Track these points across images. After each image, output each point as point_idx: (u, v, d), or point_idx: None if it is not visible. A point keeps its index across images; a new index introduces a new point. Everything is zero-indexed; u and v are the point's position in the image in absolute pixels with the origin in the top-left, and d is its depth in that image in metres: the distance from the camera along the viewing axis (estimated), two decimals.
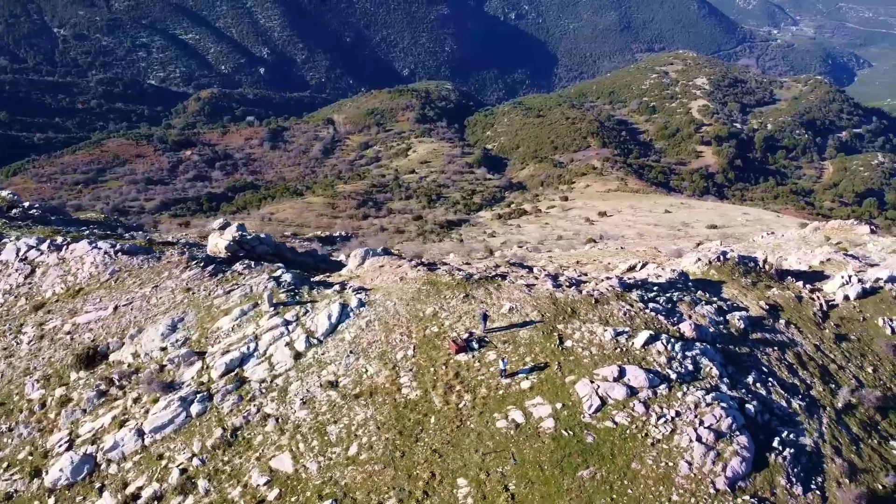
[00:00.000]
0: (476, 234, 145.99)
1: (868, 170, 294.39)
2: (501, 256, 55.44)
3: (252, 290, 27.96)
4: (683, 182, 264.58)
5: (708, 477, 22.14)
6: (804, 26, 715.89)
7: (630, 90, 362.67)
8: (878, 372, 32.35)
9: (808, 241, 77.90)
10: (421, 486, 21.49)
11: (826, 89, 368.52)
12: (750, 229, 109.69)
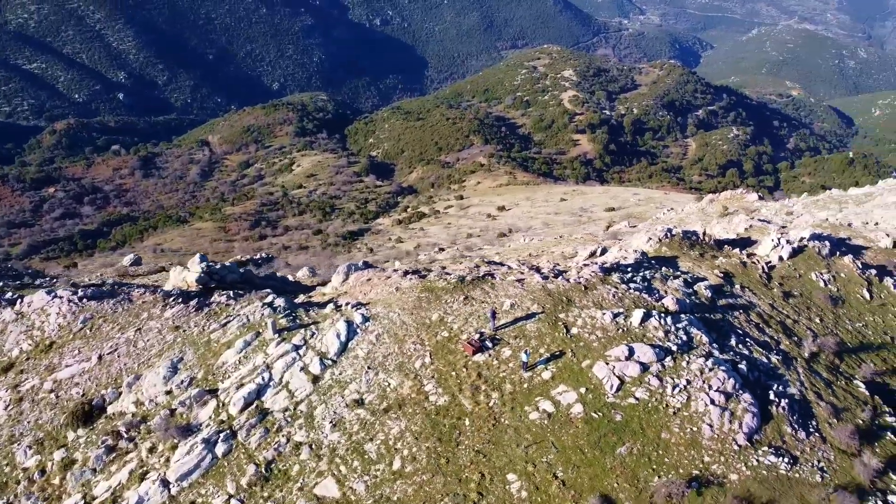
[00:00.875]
0: (382, 241, 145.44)
1: (726, 143, 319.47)
2: (458, 258, 55.93)
3: (249, 320, 26.86)
4: (566, 170, 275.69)
5: (729, 436, 23.73)
6: (650, 15, 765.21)
7: (503, 87, 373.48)
8: (824, 321, 35.67)
9: (706, 213, 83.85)
10: (473, 487, 21.67)
11: (680, 72, 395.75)
12: (645, 208, 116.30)
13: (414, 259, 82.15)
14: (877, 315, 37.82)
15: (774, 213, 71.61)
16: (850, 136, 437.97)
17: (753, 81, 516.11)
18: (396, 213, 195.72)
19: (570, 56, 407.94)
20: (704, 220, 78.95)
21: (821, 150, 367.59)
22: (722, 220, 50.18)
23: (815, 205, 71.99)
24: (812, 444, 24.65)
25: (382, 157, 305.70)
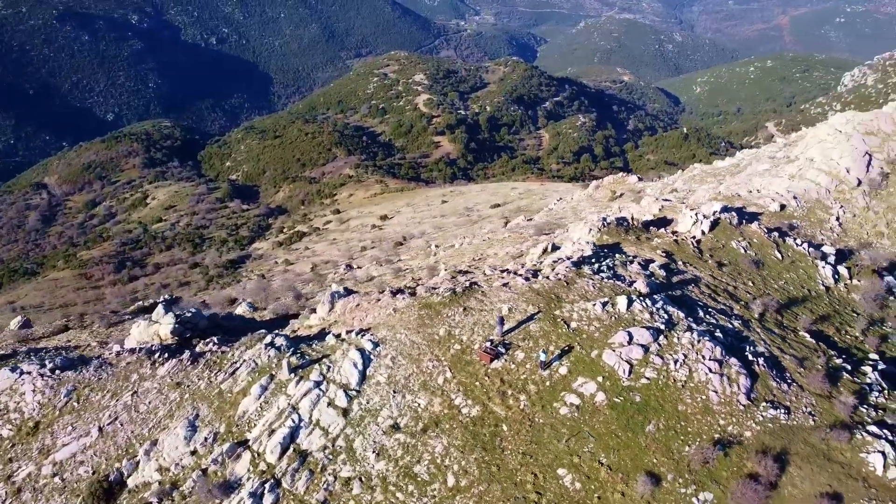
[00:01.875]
0: (270, 266, 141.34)
1: (575, 131, 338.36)
2: (423, 270, 55.81)
3: (258, 363, 25.81)
4: (433, 173, 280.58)
5: (732, 398, 26.15)
6: (485, 15, 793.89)
7: (357, 96, 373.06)
8: (755, 284, 39.66)
9: (595, 199, 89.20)
10: (530, 488, 22.48)
11: (524, 68, 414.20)
12: (529, 200, 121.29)
13: (324, 279, 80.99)
14: (791, 272, 42.50)
15: (660, 192, 77.56)
16: (679, 114, 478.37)
17: (588, 71, 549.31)
18: (272, 235, 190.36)
19: (418, 60, 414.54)
20: (595, 204, 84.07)
21: (656, 129, 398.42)
22: (631, 205, 53.88)
23: (693, 180, 78.65)
24: (795, 394, 27.66)
25: (244, 180, 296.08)
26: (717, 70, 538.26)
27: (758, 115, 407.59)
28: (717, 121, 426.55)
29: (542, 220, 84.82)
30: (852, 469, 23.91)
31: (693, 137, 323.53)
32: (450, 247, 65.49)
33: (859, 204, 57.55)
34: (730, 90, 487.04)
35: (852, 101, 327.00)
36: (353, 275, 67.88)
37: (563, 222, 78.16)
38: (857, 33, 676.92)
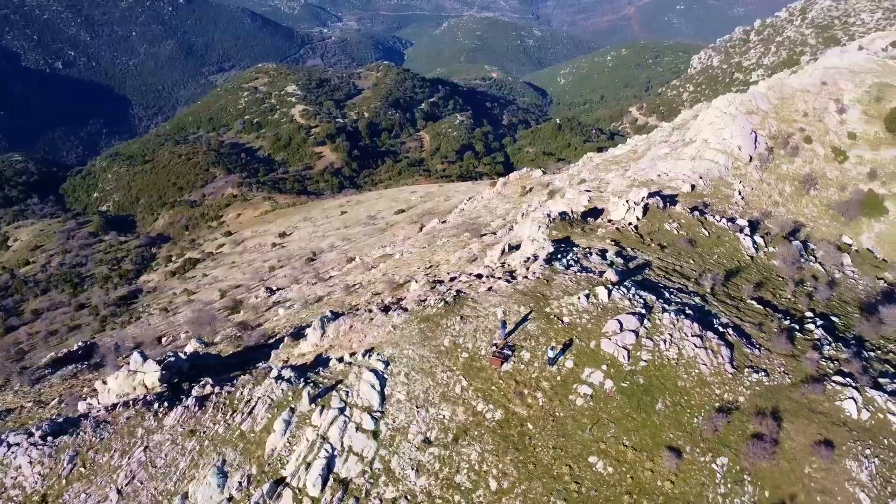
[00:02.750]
0: (167, 298, 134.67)
1: (454, 130, 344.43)
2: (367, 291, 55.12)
3: (273, 399, 25.09)
4: (319, 184, 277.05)
5: (720, 368, 28.49)
6: (348, 21, 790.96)
7: (228, 112, 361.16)
8: (695, 261, 42.86)
9: (505, 195, 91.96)
10: (568, 479, 23.58)
11: (396, 71, 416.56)
12: (434, 202, 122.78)
13: (246, 305, 78.39)
14: (719, 246, 46.21)
15: (568, 182, 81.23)
16: (547, 105, 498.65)
17: (457, 70, 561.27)
18: (161, 265, 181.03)
19: (288, 71, 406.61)
20: (508, 201, 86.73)
21: (529, 122, 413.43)
22: (560, 200, 56.31)
23: (597, 169, 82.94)
24: (767, 357, 30.46)
25: (117, 210, 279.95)
26: (578, 62, 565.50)
27: (620, 101, 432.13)
28: (583, 109, 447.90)
29: (457, 220, 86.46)
30: (833, 417, 26.76)
31: (566, 127, 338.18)
32: (383, 257, 65.52)
33: (754, 178, 63.13)
34: (591, 79, 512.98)
35: (703, 82, 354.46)
36: (284, 296, 66.37)
37: (480, 221, 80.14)
38: (696, 18, 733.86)
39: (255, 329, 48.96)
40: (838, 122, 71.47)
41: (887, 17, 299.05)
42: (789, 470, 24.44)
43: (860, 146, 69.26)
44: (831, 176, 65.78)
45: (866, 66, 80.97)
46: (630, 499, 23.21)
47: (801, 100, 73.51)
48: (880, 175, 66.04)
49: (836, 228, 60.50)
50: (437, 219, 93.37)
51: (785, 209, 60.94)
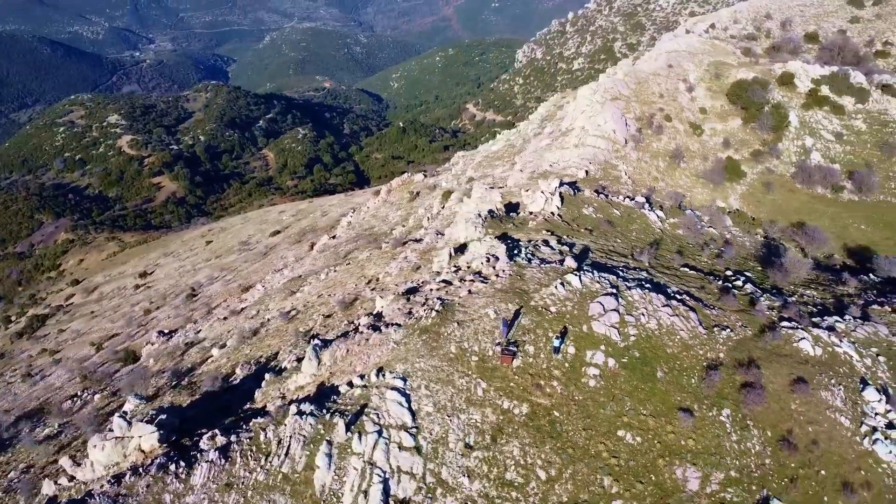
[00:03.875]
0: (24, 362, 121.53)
1: (298, 144, 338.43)
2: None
3: (306, 435, 24.12)
4: (165, 217, 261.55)
5: (695, 331, 31.45)
6: (161, 42, 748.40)
7: (45, 151, 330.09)
8: (621, 239, 46.17)
9: (391, 202, 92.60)
10: (606, 455, 25.15)
11: (227, 90, 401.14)
12: (310, 220, 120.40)
13: (140, 355, 73.16)
14: (633, 223, 50.08)
15: (457, 182, 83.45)
16: (385, 110, 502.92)
17: (288, 83, 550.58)
18: (8, 328, 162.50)
19: (106, 101, 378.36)
20: (399, 208, 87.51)
21: (371, 129, 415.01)
22: (472, 199, 57.95)
23: (480, 166, 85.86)
24: (724, 315, 33.86)
25: None
26: (407, 64, 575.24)
27: (455, 99, 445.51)
28: (421, 111, 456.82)
29: (349, 234, 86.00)
30: (796, 357, 30.43)
31: (410, 130, 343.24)
32: (294, 280, 63.89)
33: (633, 158, 68.58)
34: (423, 81, 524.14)
35: (530, 74, 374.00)
36: (193, 336, 62.70)
37: (377, 231, 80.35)
38: (511, 15, 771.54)
39: (190, 375, 46.24)
40: (689, 99, 79.31)
41: (681, 1, 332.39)
42: (779, 409, 27.58)
43: (711, 119, 77.35)
44: (693, 148, 72.88)
45: (700, 47, 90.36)
46: (664, 461, 25.17)
47: (654, 83, 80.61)
48: (732, 143, 74.20)
49: (709, 194, 67.28)
50: (324, 235, 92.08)
51: (664, 183, 66.80)
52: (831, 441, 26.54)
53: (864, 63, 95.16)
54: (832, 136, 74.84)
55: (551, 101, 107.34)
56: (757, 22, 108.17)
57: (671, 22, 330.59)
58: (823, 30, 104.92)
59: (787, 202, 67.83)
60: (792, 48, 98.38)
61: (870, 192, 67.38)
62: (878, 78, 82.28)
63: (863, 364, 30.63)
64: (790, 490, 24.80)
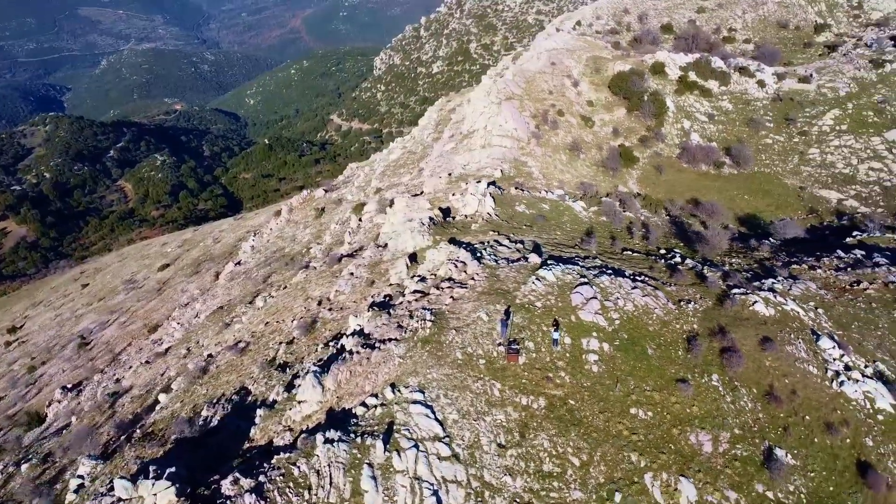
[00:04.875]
0: None
1: (158, 171, 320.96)
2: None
3: (345, 462, 23.50)
4: (18, 265, 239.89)
5: (667, 307, 33.84)
6: None
7: None
8: (560, 232, 48.33)
9: (297, 221, 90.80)
10: (627, 434, 26.74)
11: (69, 121, 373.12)
12: (201, 250, 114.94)
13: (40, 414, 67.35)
14: (563, 216, 52.56)
15: (364, 194, 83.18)
16: (245, 128, 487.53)
17: (135, 108, 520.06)
18: None
19: None
20: (307, 226, 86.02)
21: (233, 149, 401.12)
22: (397, 208, 58.27)
23: (385, 176, 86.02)
24: (683, 290, 36.61)
25: None
26: (262, 80, 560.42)
27: (317, 110, 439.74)
28: (283, 126, 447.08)
29: (258, 258, 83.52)
30: (755, 319, 33.57)
31: (277, 146, 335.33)
32: (218, 312, 61.25)
33: (538, 153, 71.64)
34: (281, 95, 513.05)
35: (391, 80, 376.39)
36: (112, 387, 58.52)
37: (291, 251, 78.65)
38: (360, 23, 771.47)
39: (140, 426, 43.44)
40: (576, 94, 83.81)
41: (527, 1, 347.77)
42: (757, 368, 30.41)
43: (599, 111, 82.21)
44: (588, 140, 77.16)
45: (575, 44, 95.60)
46: (677, 430, 27.10)
47: (542, 80, 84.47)
48: (621, 131, 79.30)
49: (610, 181, 71.54)
50: (229, 262, 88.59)
51: (570, 175, 70.32)
52: (806, 389, 29.63)
53: (716, 49, 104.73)
54: (705, 117, 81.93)
55: (438, 105, 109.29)
56: (617, 17, 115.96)
57: (520, 21, 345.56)
58: (676, 21, 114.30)
59: (678, 181, 73.47)
60: (651, 39, 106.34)
61: (746, 165, 74.42)
62: (734, 62, 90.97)
63: (808, 318, 34.31)
64: (786, 438, 27.50)
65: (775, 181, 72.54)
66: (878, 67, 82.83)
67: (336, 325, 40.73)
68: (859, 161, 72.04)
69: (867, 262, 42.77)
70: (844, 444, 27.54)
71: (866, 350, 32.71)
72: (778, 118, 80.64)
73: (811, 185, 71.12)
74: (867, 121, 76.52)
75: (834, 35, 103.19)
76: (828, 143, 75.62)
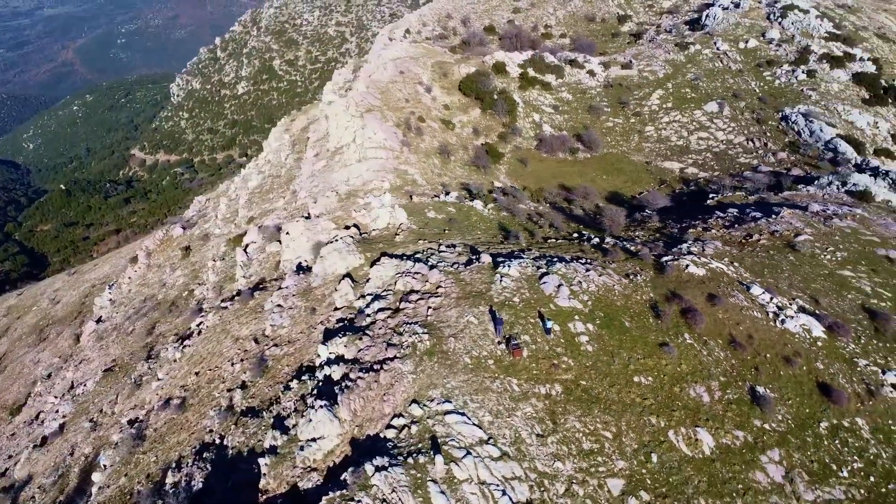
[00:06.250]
0: None
1: None
2: None
3: (409, 484, 22.87)
4: None
5: (622, 283, 36.75)
6: None
7: None
8: (477, 229, 50.00)
9: (157, 265, 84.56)
10: (639, 400, 29.19)
11: None
12: (36, 313, 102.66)
13: None
14: (471, 216, 54.34)
15: (235, 226, 79.29)
16: (27, 175, 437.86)
17: None
18: None
19: None
20: (173, 268, 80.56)
21: (20, 201, 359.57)
22: (291, 237, 56.75)
23: (252, 204, 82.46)
24: (623, 264, 39.80)
25: None
26: (39, 121, 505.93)
27: (113, 147, 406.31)
28: (75, 168, 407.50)
29: (126, 311, 77.06)
30: (694, 280, 37.57)
31: (76, 191, 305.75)
32: (124, 371, 55.81)
33: (414, 160, 73.03)
34: (66, 135, 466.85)
35: (194, 106, 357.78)
36: (19, 475, 51.24)
37: (165, 298, 73.45)
38: (142, 49, 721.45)
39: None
40: (431, 99, 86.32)
41: (325, 14, 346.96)
42: (714, 322, 34.20)
43: (456, 113, 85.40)
44: (453, 142, 79.99)
45: (416, 51, 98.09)
46: (678, 388, 29.88)
47: (396, 90, 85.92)
48: (481, 130, 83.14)
49: (485, 179, 74.81)
50: (88, 321, 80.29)
51: (448, 177, 72.49)
52: (759, 332, 33.87)
53: (539, 45, 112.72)
54: (551, 108, 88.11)
55: (283, 126, 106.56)
56: (442, 22, 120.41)
57: (321, 34, 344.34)
58: (496, 22, 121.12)
59: (542, 170, 78.55)
60: (479, 41, 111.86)
61: (597, 148, 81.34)
62: (562, 55, 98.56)
63: (730, 271, 39.01)
64: (759, 376, 31.34)
65: (624, 160, 79.98)
66: (683, 49, 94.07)
67: (293, 359, 39.13)
68: (689, 133, 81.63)
69: (746, 218, 49.20)
70: (803, 372, 31.93)
71: (783, 290, 37.88)
72: (613, 103, 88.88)
73: (654, 158, 79.36)
74: (687, 97, 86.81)
75: (636, 24, 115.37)
76: (659, 120, 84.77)
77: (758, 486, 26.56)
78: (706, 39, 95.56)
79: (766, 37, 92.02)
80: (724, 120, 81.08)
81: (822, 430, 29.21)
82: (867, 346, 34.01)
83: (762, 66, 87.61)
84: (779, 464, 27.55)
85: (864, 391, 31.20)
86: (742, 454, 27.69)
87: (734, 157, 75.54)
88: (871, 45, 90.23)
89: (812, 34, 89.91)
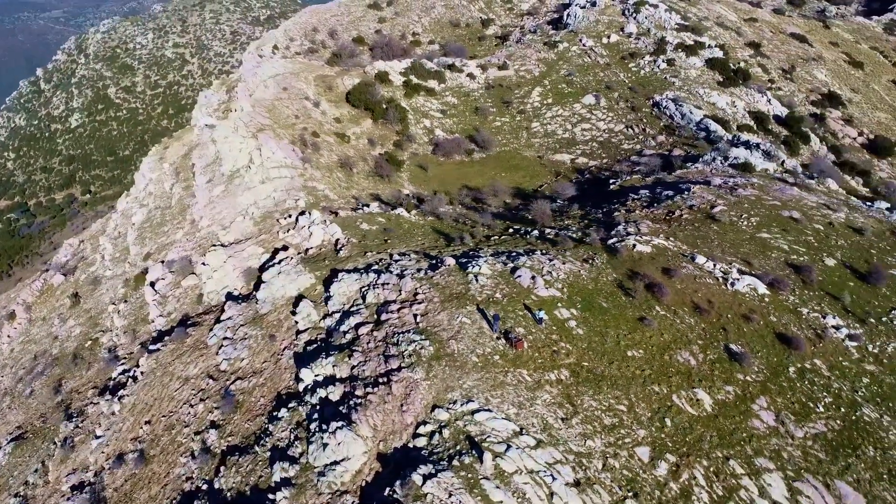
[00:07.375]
0: None
1: None
2: None
3: (463, 486, 22.87)
4: None
5: (587, 268, 38.61)
6: None
7: None
8: (416, 235, 50.29)
9: (42, 318, 77.23)
10: (639, 372, 31.14)
11: None
12: None
13: None
14: (401, 224, 54.49)
15: (129, 263, 73.82)
16: None
17: None
18: None
19: None
20: (60, 319, 73.94)
21: None
22: (212, 268, 54.19)
23: (144, 240, 77.10)
24: (582, 251, 41.78)
25: None
26: None
27: None
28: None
29: (15, 372, 69.67)
30: (644, 258, 40.32)
31: None
32: (55, 429, 50.47)
33: (319, 176, 71.99)
34: None
35: (23, 145, 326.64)
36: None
37: (59, 352, 67.43)
38: None
39: None
40: (321, 113, 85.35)
41: (159, 36, 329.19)
42: (675, 292, 36.98)
43: (348, 125, 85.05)
44: (351, 154, 79.68)
45: (294, 66, 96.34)
46: (667, 356, 32.14)
47: (283, 107, 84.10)
48: (377, 140, 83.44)
49: (390, 187, 75.14)
50: None
51: (356, 189, 72.13)
52: (715, 296, 37.04)
53: (410, 53, 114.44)
54: (440, 113, 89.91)
55: (156, 155, 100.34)
56: (309, 36, 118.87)
57: (159, 57, 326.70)
58: (364, 33, 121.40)
59: (444, 174, 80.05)
60: (350, 52, 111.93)
61: (491, 148, 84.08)
62: (439, 60, 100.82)
63: (671, 244, 42.25)
64: (728, 335, 34.35)
65: (518, 156, 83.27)
66: (553, 48, 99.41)
67: (266, 389, 37.44)
68: (572, 126, 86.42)
69: (661, 197, 53.22)
70: (761, 326, 35.35)
71: (719, 257, 41.56)
72: (497, 103, 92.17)
73: (545, 152, 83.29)
74: (564, 92, 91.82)
75: (499, 27, 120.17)
76: (543, 116, 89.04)
77: (758, 431, 29.21)
78: (572, 37, 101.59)
79: (625, 31, 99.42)
80: (602, 111, 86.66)
81: (791, 374, 32.53)
82: (802, 296, 38.19)
83: (626, 58, 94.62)
84: (768, 409, 30.42)
85: (813, 335, 35.06)
86: (737, 406, 30.31)
87: (618, 144, 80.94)
88: (715, 33, 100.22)
89: (665, 26, 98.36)
